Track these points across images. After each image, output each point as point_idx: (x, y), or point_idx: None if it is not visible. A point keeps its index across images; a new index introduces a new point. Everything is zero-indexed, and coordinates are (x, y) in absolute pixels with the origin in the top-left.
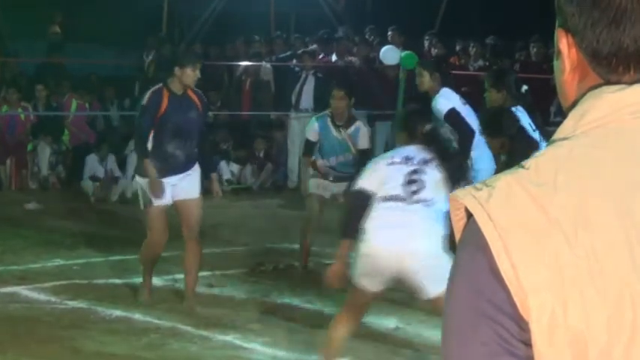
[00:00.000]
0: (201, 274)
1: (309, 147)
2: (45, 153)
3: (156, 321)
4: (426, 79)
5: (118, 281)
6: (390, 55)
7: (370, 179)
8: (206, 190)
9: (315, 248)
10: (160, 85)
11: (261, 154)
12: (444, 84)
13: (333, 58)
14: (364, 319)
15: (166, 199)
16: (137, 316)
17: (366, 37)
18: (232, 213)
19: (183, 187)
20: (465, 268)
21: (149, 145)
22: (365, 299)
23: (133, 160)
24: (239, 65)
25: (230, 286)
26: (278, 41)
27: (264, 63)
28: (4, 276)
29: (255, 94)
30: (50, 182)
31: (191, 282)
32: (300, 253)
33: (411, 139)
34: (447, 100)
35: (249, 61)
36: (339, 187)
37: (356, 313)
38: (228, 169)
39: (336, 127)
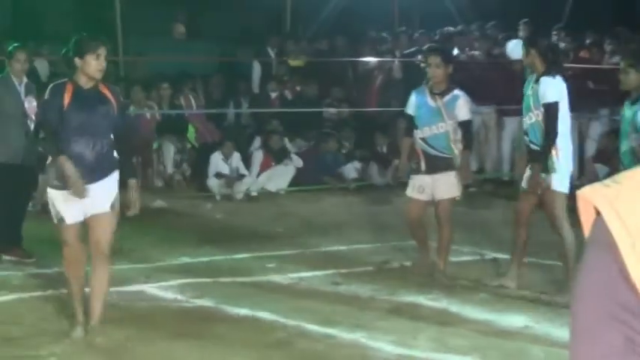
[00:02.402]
0: (327, 272)
1: (408, 124)
2: (170, 151)
3: (282, 320)
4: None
5: (243, 279)
6: (517, 49)
7: None
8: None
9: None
10: (65, 79)
11: (384, 149)
12: (556, 70)
13: (455, 52)
14: (492, 317)
15: (78, 216)
16: (263, 314)
17: (488, 32)
18: (357, 210)
19: (93, 199)
20: (592, 267)
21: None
22: None
23: (258, 157)
24: (363, 61)
25: (356, 283)
26: (403, 37)
27: (395, 60)
28: (131, 274)
29: (386, 90)
30: (175, 180)
31: (97, 307)
32: (418, 252)
33: None
34: (558, 92)
35: (379, 57)
36: (434, 182)
37: None
38: (352, 167)
39: (432, 95)
